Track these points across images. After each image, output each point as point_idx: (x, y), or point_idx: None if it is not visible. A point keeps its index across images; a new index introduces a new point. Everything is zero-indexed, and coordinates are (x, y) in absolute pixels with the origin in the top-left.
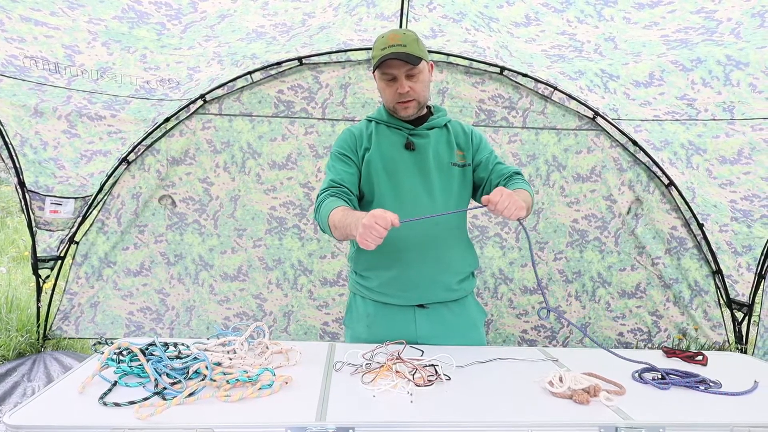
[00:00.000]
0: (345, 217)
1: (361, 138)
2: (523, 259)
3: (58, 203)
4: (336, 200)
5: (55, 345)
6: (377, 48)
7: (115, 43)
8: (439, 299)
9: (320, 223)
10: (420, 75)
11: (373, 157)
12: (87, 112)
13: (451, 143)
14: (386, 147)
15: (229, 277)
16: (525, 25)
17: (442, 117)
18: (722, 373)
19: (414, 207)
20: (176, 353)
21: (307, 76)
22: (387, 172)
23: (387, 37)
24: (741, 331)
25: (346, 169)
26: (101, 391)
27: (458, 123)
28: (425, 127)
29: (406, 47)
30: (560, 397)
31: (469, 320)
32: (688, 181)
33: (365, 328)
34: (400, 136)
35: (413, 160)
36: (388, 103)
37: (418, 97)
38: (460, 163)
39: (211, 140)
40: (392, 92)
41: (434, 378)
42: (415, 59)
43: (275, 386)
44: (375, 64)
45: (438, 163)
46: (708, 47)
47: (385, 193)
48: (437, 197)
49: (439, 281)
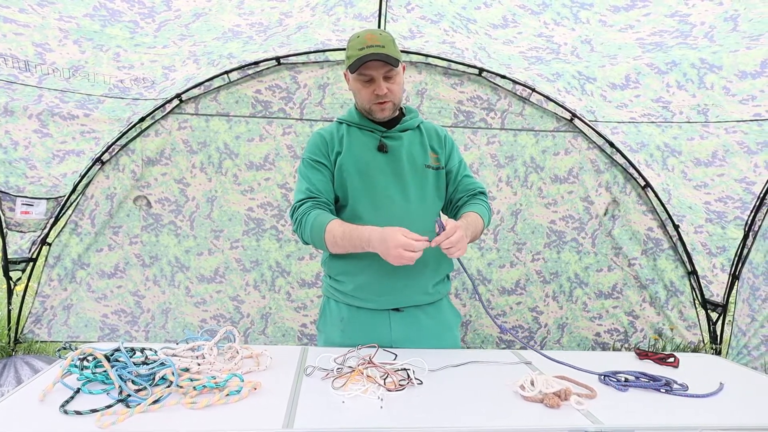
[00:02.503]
0: (347, 234)
1: (332, 141)
2: (501, 260)
3: (30, 204)
4: (323, 213)
5: (27, 349)
6: (353, 48)
7: (87, 42)
8: (414, 303)
9: (308, 237)
10: (397, 77)
11: (346, 161)
12: (59, 111)
13: (424, 145)
14: (359, 150)
15: (205, 279)
16: (502, 26)
17: (415, 118)
18: (693, 375)
19: (389, 210)
20: (143, 359)
21: (285, 75)
22: (360, 175)
23: (364, 37)
24: (716, 331)
25: (320, 177)
26: (64, 398)
27: (431, 125)
28: (398, 129)
29: (385, 48)
30: (531, 401)
31: (444, 323)
32: (664, 183)
33: (339, 333)
34: (373, 139)
35: (387, 163)
36: (364, 104)
37: (394, 98)
38: (434, 165)
39: (188, 140)
40: (369, 93)
41: (406, 382)
42: (394, 61)
43: (243, 392)
44: (351, 64)
45: (412, 165)
46: (682, 50)
47: (359, 197)
48: (412, 200)
49: (413, 285)
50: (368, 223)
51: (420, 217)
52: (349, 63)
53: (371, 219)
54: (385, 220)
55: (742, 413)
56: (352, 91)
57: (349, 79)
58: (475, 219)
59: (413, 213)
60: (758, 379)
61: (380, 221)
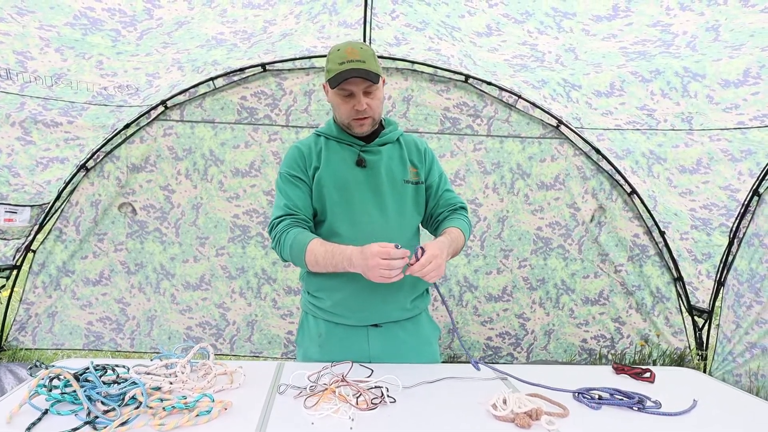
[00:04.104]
0: (329, 254)
1: (310, 156)
2: (488, 267)
3: (13, 211)
4: (302, 231)
5: (11, 356)
6: (333, 62)
7: (68, 50)
8: (393, 318)
9: (287, 255)
10: (377, 92)
11: (324, 176)
12: (42, 119)
13: (404, 159)
14: (337, 164)
15: (191, 286)
16: (487, 35)
17: (394, 131)
18: (668, 391)
19: (367, 226)
20: (114, 377)
21: (270, 82)
22: (338, 190)
23: (344, 51)
24: (702, 337)
25: (299, 194)
26: (31, 420)
27: (411, 138)
28: (377, 143)
29: (365, 63)
30: (503, 421)
31: (423, 337)
32: (650, 190)
33: (317, 348)
34: (351, 153)
35: (365, 178)
36: (344, 120)
37: (374, 114)
38: (413, 180)
39: (173, 147)
40: (349, 109)
41: (378, 401)
42: (375, 77)
43: (213, 413)
44: (331, 79)
45: (391, 180)
46: (666, 59)
47: (337, 212)
48: (390, 215)
49: (391, 301)
50: (346, 238)
51: (398, 232)
52: (329, 77)
53: (349, 235)
54: (362, 236)
55: (715, 431)
56: (331, 104)
57: (328, 92)
58: (458, 235)
59: (391, 229)
60: (734, 396)
61: (358, 237)
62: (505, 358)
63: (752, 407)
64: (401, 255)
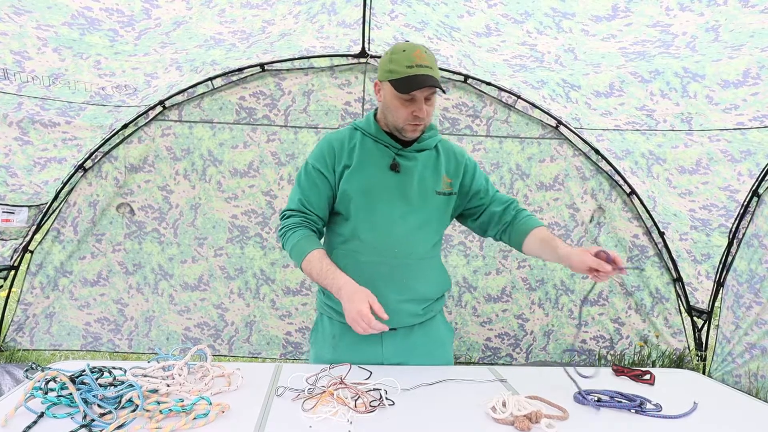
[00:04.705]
0: (322, 272)
1: (341, 152)
2: (487, 267)
3: (11, 212)
4: (308, 236)
5: (9, 357)
6: (399, 63)
7: (66, 50)
8: (406, 324)
9: (288, 251)
10: (434, 98)
11: (353, 178)
12: (40, 119)
13: (438, 169)
14: (369, 167)
15: (189, 287)
16: (486, 35)
17: (433, 138)
18: (668, 393)
19: (388, 233)
20: (111, 380)
21: (269, 82)
22: (365, 195)
23: (411, 54)
24: (701, 338)
25: (316, 192)
26: (27, 423)
27: (451, 146)
28: (414, 149)
29: (432, 69)
30: (502, 424)
31: (437, 340)
32: (649, 190)
33: (331, 349)
34: (386, 155)
35: (396, 183)
36: (399, 123)
37: (428, 120)
38: (445, 191)
39: (171, 147)
40: (407, 113)
41: (377, 404)
42: (442, 86)
43: (210, 416)
44: (398, 81)
45: (422, 188)
46: (665, 59)
47: (361, 217)
48: (414, 226)
49: (404, 309)
50: (367, 243)
51: (418, 242)
52: (394, 78)
53: (370, 241)
54: (383, 245)
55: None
56: (384, 104)
57: (381, 90)
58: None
59: (412, 238)
60: (733, 397)
61: (379, 245)
62: (504, 358)
63: (752, 409)
64: (379, 329)
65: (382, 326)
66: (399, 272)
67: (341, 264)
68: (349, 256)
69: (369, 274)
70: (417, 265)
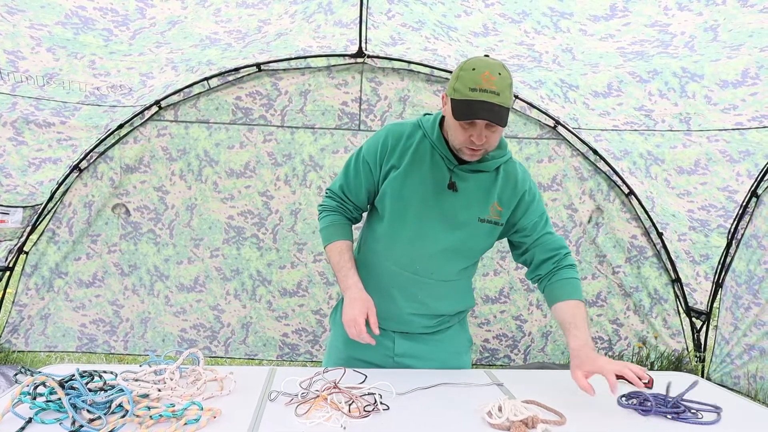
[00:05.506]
0: (337, 264)
1: (394, 149)
2: (484, 269)
3: (5, 212)
4: (338, 223)
5: (4, 359)
6: (464, 82)
7: (60, 49)
8: (420, 331)
9: (319, 229)
10: (499, 126)
11: (396, 181)
12: (34, 119)
13: (491, 195)
14: (416, 173)
15: (185, 288)
16: (483, 35)
17: (497, 159)
18: None
19: (411, 249)
20: (101, 384)
21: (265, 82)
22: (402, 201)
23: (480, 75)
24: (699, 339)
25: (359, 182)
26: (14, 429)
27: (514, 172)
28: (470, 168)
29: (500, 96)
30: (498, 429)
31: (450, 349)
32: (648, 191)
33: (343, 340)
34: (441, 170)
35: (435, 201)
36: (456, 145)
37: (489, 147)
38: (492, 219)
39: (167, 147)
40: (465, 137)
41: (371, 408)
42: (505, 117)
43: (202, 421)
44: (457, 105)
45: (467, 213)
46: (663, 59)
47: (392, 222)
48: (440, 248)
49: (415, 321)
50: (391, 249)
51: (444, 265)
52: (454, 97)
53: (394, 248)
54: (405, 256)
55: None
56: (446, 119)
57: (446, 103)
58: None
59: (438, 260)
60: (733, 400)
61: (400, 255)
62: (501, 360)
63: (752, 411)
64: (366, 341)
65: (369, 339)
66: (416, 288)
67: (367, 261)
68: (375, 255)
69: (387, 280)
70: (437, 285)
